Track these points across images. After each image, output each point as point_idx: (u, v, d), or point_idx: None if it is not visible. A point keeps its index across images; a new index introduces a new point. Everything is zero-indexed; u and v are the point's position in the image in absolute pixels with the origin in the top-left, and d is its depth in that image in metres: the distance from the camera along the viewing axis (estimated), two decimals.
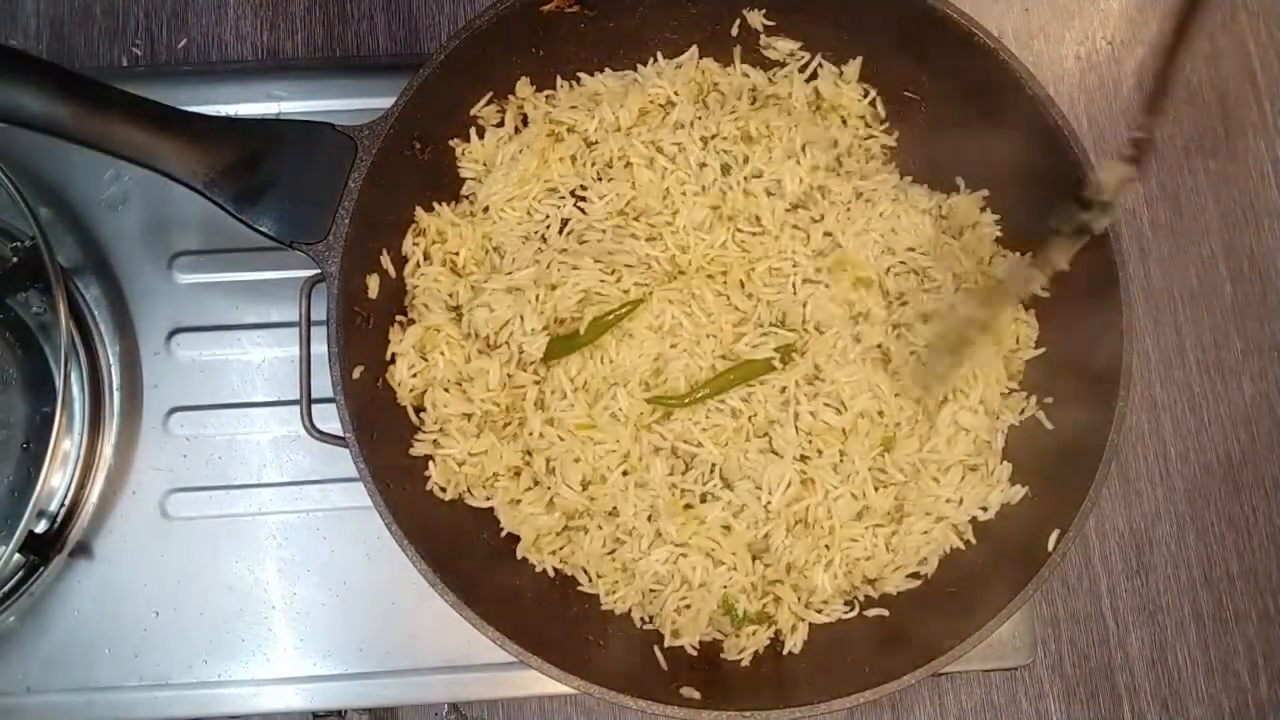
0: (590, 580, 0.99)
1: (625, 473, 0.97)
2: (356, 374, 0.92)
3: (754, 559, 0.98)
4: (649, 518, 0.97)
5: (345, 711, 1.10)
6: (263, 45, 1.29)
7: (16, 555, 0.97)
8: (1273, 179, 1.34)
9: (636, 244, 0.99)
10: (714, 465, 0.97)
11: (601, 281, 0.98)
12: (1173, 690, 1.23)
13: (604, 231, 1.01)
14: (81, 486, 1.06)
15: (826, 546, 0.97)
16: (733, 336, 0.98)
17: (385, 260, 0.98)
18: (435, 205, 1.02)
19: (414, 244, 1.00)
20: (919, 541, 0.98)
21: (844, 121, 1.06)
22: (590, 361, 0.98)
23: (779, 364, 0.97)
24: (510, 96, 1.03)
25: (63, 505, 1.05)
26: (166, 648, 1.04)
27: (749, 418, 0.97)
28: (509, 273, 0.99)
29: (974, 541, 0.99)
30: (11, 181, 0.99)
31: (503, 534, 1.00)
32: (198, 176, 0.88)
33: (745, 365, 0.97)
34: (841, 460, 0.97)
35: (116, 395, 1.09)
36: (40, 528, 1.03)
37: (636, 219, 1.01)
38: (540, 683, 0.88)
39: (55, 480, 1.04)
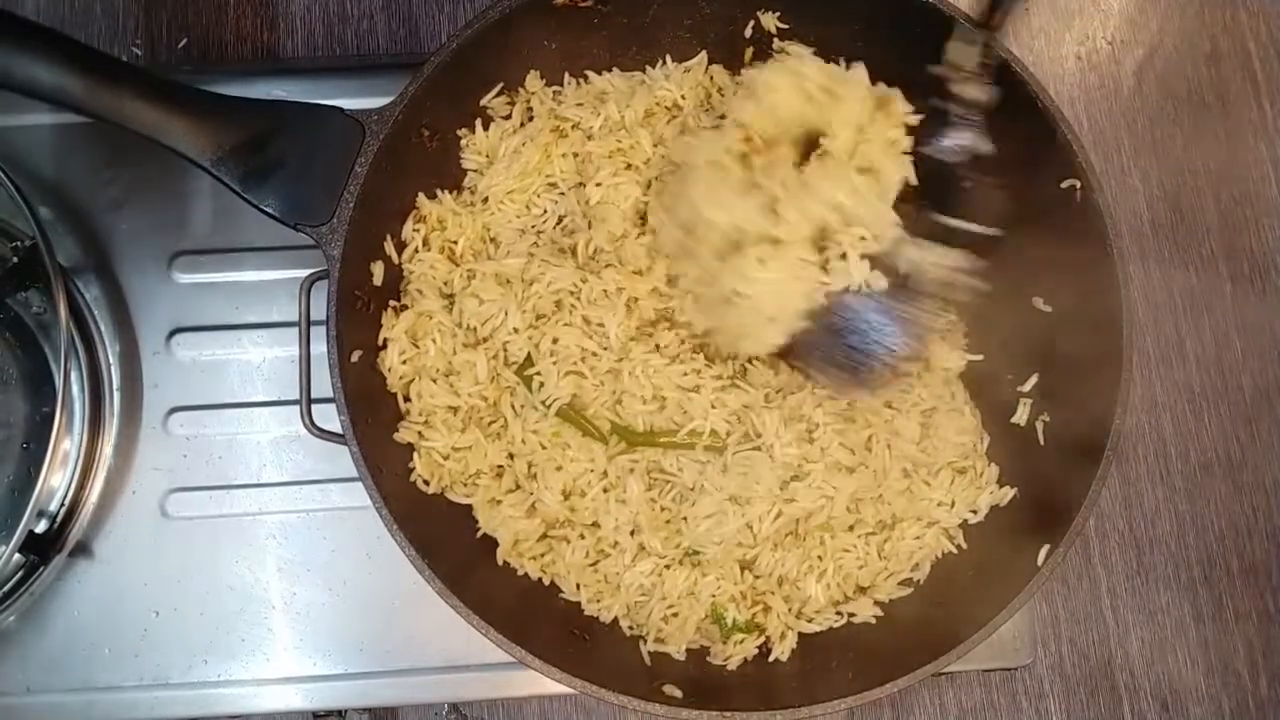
0: (574, 589, 0.97)
1: (605, 489, 0.96)
2: (355, 358, 0.92)
3: (743, 569, 0.97)
4: (631, 532, 0.96)
5: (345, 711, 1.10)
6: (263, 45, 1.29)
7: (16, 555, 0.97)
8: (1273, 179, 1.34)
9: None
10: (692, 487, 0.95)
11: (577, 284, 0.95)
12: (1173, 690, 1.23)
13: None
14: (81, 486, 1.05)
15: (819, 558, 0.96)
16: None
17: (389, 247, 0.98)
18: (439, 193, 1.01)
19: (414, 230, 0.99)
20: (911, 547, 0.97)
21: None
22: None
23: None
24: (520, 89, 1.03)
25: (63, 505, 1.05)
26: (166, 648, 1.04)
27: (725, 460, 0.95)
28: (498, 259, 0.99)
29: (965, 547, 0.98)
30: (11, 181, 0.99)
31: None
32: (206, 154, 0.89)
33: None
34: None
35: (116, 395, 1.09)
36: (40, 528, 1.03)
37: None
38: (540, 683, 0.88)
39: (55, 480, 1.04)
